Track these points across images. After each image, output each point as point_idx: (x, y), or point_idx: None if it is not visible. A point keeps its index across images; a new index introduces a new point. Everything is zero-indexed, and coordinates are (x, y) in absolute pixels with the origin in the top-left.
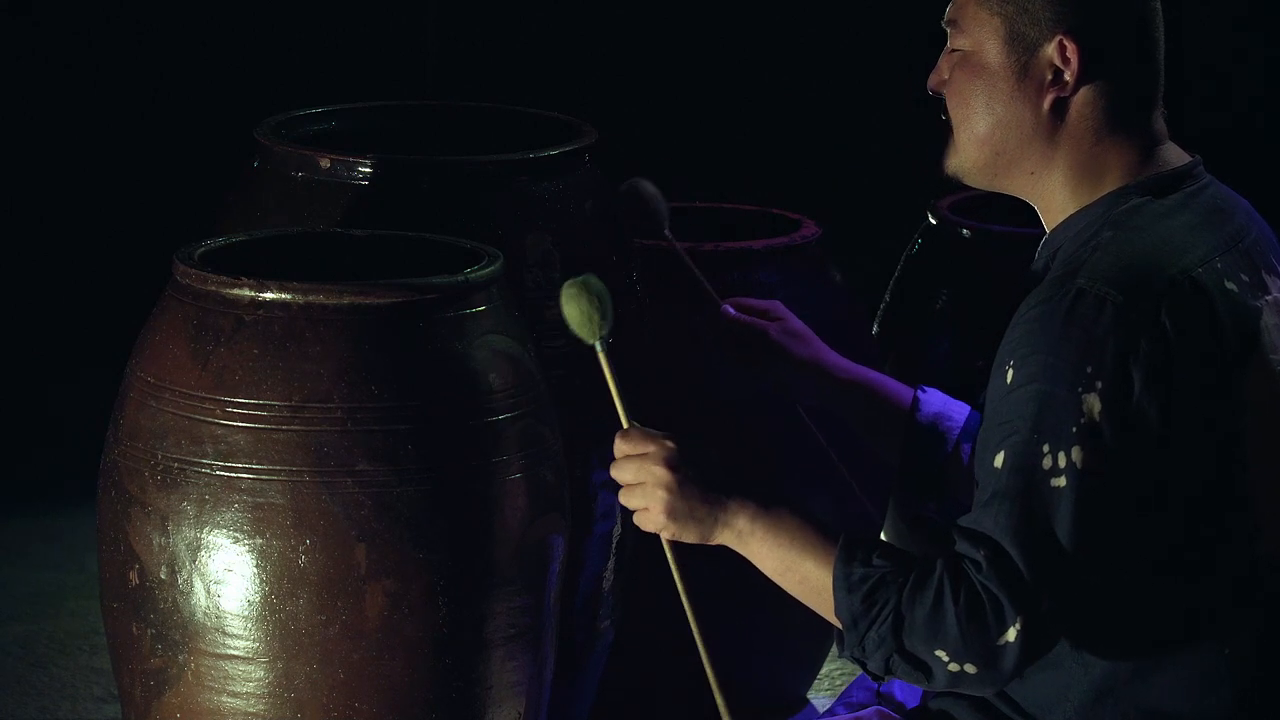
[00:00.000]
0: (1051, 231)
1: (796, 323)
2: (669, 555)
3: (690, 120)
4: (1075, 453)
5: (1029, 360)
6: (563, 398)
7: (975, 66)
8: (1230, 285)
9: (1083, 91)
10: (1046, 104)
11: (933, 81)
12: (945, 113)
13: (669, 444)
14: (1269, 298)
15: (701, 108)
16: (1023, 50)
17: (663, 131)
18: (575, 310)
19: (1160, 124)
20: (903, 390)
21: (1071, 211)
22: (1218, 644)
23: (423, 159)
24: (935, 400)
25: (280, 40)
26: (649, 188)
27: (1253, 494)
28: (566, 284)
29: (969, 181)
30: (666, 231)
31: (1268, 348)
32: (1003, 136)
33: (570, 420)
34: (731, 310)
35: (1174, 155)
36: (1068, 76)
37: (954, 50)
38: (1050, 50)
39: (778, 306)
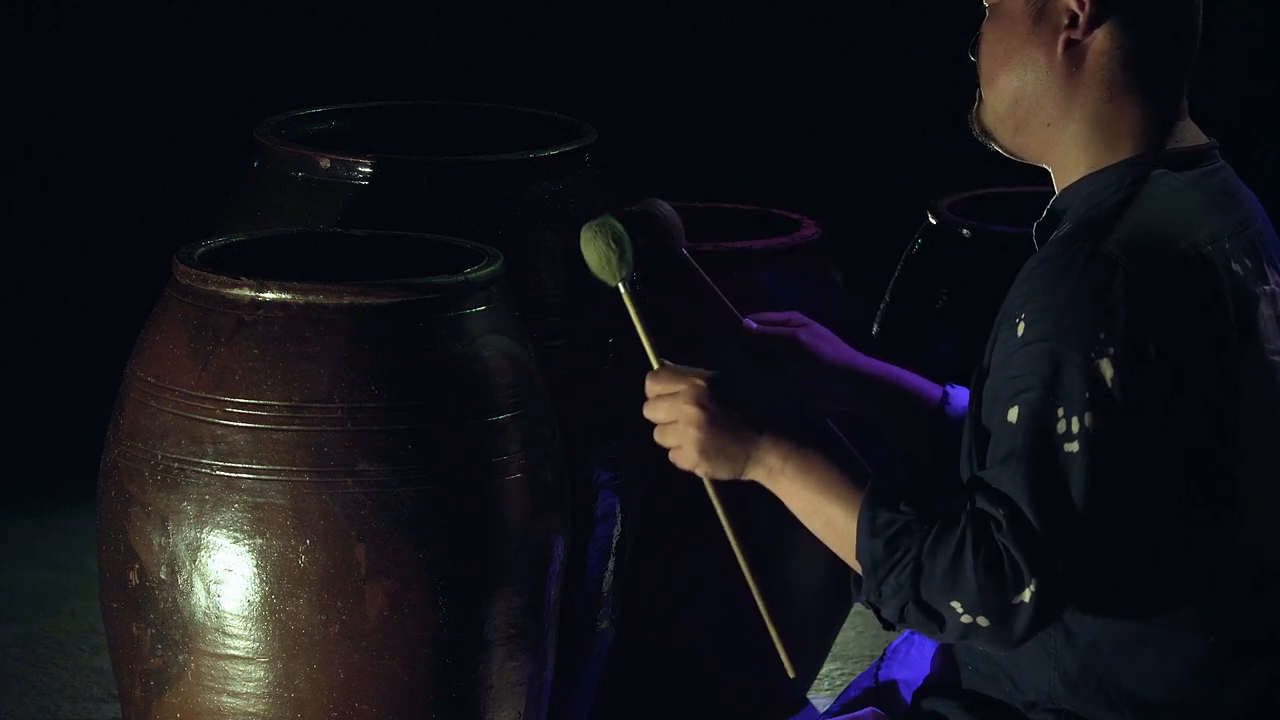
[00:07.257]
0: (1061, 192)
1: (821, 328)
2: (711, 494)
3: (690, 120)
4: (1088, 418)
5: (1042, 317)
6: (563, 398)
7: (999, 18)
8: (1236, 267)
9: (1098, 38)
10: (1060, 46)
11: (972, 47)
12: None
13: (699, 382)
14: (1267, 288)
15: (701, 108)
16: None
17: (663, 131)
18: (594, 253)
19: (1182, 101)
20: (930, 387)
21: (1084, 173)
22: (1200, 631)
23: (423, 159)
24: (965, 396)
25: (280, 40)
26: (663, 207)
27: (1240, 480)
28: (585, 227)
29: (996, 138)
30: (683, 250)
31: (1262, 336)
32: (1020, 81)
33: (570, 420)
34: (754, 324)
35: (1191, 134)
36: (1081, 19)
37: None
38: None
39: (797, 316)
